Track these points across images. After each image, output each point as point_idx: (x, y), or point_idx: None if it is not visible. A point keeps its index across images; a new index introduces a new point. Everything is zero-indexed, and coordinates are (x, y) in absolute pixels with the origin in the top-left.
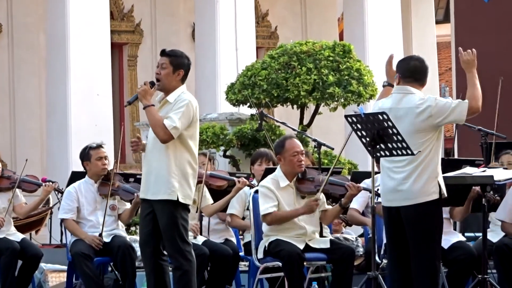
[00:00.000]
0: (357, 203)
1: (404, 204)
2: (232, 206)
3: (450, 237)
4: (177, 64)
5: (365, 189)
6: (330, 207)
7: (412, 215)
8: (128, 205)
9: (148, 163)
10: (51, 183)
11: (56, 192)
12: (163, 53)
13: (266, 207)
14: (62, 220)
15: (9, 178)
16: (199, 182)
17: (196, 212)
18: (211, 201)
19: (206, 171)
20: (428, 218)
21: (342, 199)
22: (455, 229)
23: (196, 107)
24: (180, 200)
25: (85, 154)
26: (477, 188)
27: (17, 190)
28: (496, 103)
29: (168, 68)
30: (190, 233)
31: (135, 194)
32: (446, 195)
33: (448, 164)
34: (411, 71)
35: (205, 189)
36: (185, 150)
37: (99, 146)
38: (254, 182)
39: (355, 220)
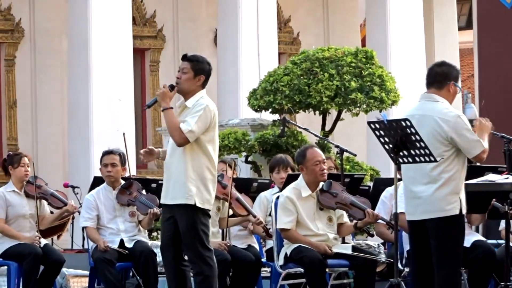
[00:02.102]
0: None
1: (425, 217)
2: (254, 211)
3: (471, 237)
4: (198, 69)
5: (382, 219)
6: (347, 221)
7: (434, 228)
8: None
9: (167, 168)
10: (73, 189)
11: (79, 198)
12: (185, 57)
13: (284, 221)
14: (83, 228)
15: (39, 187)
16: (224, 199)
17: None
18: (226, 214)
19: (232, 191)
20: (449, 232)
21: (359, 222)
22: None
23: (215, 112)
24: (198, 205)
25: (100, 160)
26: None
27: (44, 201)
28: None
29: (189, 73)
30: None
31: (150, 210)
32: (465, 212)
33: (471, 171)
34: (428, 78)
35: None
36: (203, 155)
37: (109, 152)
38: (276, 188)
39: (384, 236)
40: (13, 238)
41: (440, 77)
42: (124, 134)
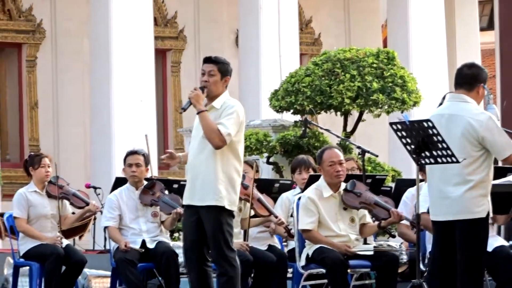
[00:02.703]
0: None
1: (454, 218)
2: (276, 212)
3: (492, 240)
4: (224, 71)
5: (406, 219)
6: (370, 221)
7: (463, 229)
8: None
9: (194, 168)
10: (95, 190)
11: (100, 198)
12: (210, 60)
13: (305, 222)
14: (105, 228)
15: (61, 187)
16: (246, 199)
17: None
18: (248, 215)
19: (253, 191)
20: (476, 234)
21: (383, 222)
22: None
23: (243, 113)
24: (227, 206)
25: (124, 160)
26: None
27: (66, 201)
28: None
29: (217, 75)
30: None
31: (174, 210)
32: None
33: (493, 172)
34: (457, 79)
35: (247, 205)
36: (232, 156)
37: (133, 152)
38: (297, 189)
39: (406, 237)
40: (35, 239)
41: (470, 79)
42: (146, 135)
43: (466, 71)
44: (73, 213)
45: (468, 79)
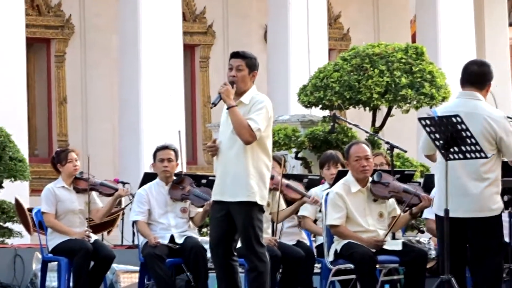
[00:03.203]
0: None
1: (472, 215)
2: (304, 208)
3: None
4: (252, 66)
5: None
6: (400, 213)
7: (481, 226)
8: (197, 210)
9: (223, 164)
10: (123, 185)
11: (129, 195)
12: (237, 55)
13: (333, 217)
14: (134, 222)
15: (87, 180)
16: (275, 189)
17: (270, 214)
18: (284, 206)
19: (282, 180)
20: (494, 230)
21: (414, 208)
22: None
23: (272, 108)
24: (259, 202)
25: (153, 155)
26: None
27: (94, 194)
28: None
29: (245, 70)
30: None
31: (206, 202)
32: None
33: (504, 167)
34: (468, 77)
35: (276, 197)
36: (262, 151)
37: (164, 147)
38: (326, 184)
39: (434, 233)
40: (63, 234)
41: (482, 77)
42: (179, 131)
43: (477, 69)
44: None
45: (479, 77)
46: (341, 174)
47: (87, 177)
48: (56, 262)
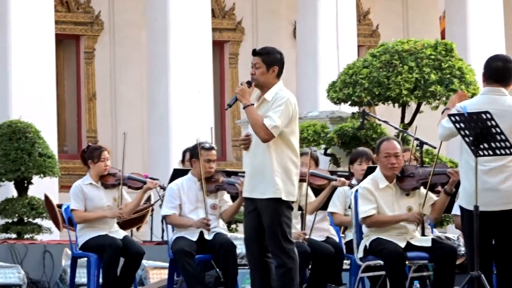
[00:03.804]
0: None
1: (503, 208)
2: (333, 204)
3: None
4: (270, 61)
5: None
6: (436, 198)
7: (508, 220)
8: (229, 203)
9: (250, 162)
10: (152, 179)
11: (158, 189)
12: (254, 52)
13: (366, 209)
14: (165, 217)
15: (114, 175)
16: (302, 180)
17: (299, 210)
18: (313, 198)
19: (309, 170)
20: None
21: (446, 186)
22: None
23: (295, 104)
24: (284, 198)
25: (196, 152)
26: None
27: (123, 189)
28: None
29: (262, 67)
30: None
31: (238, 184)
32: None
33: None
34: (492, 73)
35: (308, 187)
36: (287, 148)
37: (211, 148)
38: (354, 181)
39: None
40: (96, 220)
41: (507, 74)
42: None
43: (502, 65)
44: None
45: (504, 74)
46: (369, 170)
47: (113, 172)
48: (85, 258)
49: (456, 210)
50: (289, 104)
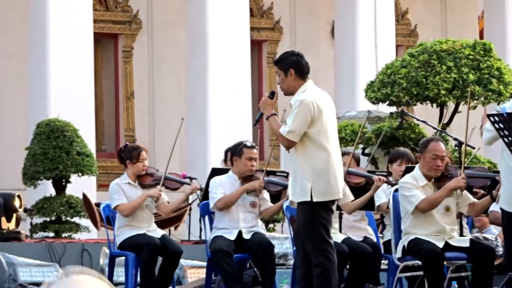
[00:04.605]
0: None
1: None
2: (378, 199)
3: None
4: (284, 66)
5: None
6: (475, 200)
7: None
8: (269, 202)
9: (290, 165)
10: (190, 180)
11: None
12: (273, 62)
13: (415, 198)
14: (216, 202)
15: (152, 175)
16: None
17: (337, 210)
18: (352, 198)
19: (345, 168)
20: None
21: (493, 191)
22: None
23: (314, 102)
24: (315, 199)
25: (238, 150)
26: None
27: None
28: None
29: (281, 74)
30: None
31: (282, 186)
32: None
33: None
34: None
35: (346, 186)
36: (316, 147)
37: (253, 147)
38: (392, 180)
39: (499, 222)
40: (137, 205)
41: None
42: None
43: None
44: (168, 202)
45: None
46: (407, 170)
47: (151, 171)
48: (123, 257)
49: (492, 207)
50: (304, 105)
